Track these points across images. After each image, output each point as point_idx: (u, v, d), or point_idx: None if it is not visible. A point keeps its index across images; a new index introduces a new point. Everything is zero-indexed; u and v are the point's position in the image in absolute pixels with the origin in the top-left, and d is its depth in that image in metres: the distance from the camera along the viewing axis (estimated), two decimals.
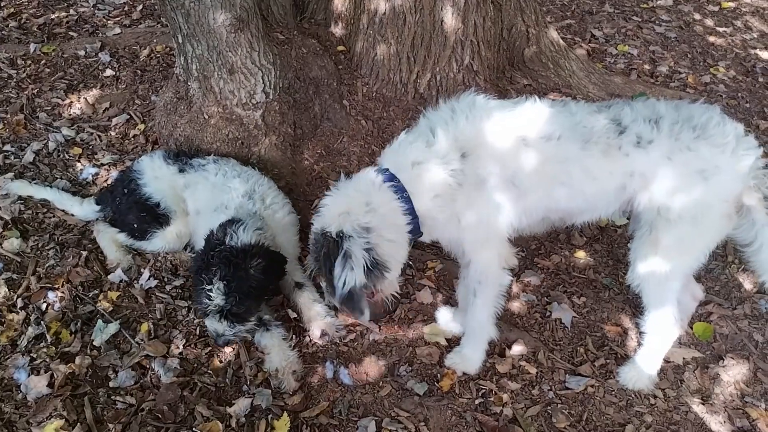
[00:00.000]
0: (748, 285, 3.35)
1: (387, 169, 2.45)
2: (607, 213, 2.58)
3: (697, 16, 6.25)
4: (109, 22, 5.35)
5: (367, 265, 2.33)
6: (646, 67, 5.37)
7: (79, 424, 2.54)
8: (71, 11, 5.48)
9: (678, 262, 2.47)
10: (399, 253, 2.48)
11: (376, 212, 2.38)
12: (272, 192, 3.20)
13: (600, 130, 2.34)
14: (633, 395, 2.82)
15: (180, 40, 3.45)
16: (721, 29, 6.05)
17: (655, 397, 2.82)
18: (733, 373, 2.96)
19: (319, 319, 3.00)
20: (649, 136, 2.31)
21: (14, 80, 4.50)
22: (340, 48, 4.17)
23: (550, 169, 2.41)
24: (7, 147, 3.95)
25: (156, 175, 3.16)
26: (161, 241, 3.26)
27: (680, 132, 2.29)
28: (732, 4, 6.55)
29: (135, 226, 3.24)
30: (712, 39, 5.88)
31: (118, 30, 5.13)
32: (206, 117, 3.58)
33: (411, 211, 2.43)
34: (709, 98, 4.90)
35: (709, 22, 6.17)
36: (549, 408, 2.76)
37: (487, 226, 2.51)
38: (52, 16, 5.34)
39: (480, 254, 2.59)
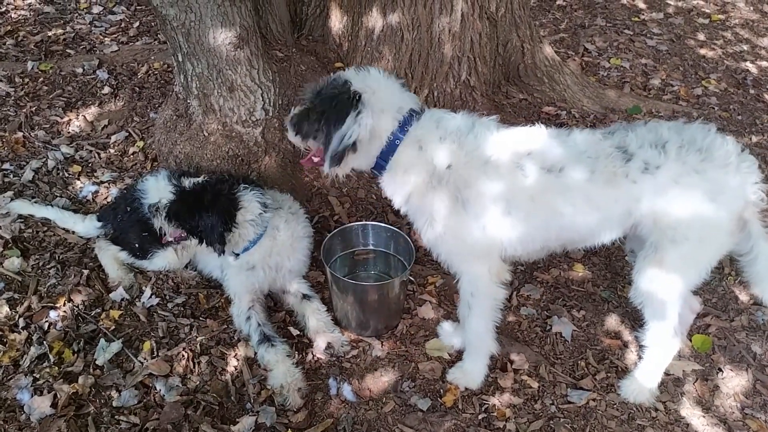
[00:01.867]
0: (744, 297, 3.39)
1: (412, 116, 2.51)
2: (611, 238, 2.60)
3: (688, 29, 6.34)
4: (106, 39, 5.38)
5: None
6: (639, 79, 5.43)
7: None
8: (68, 28, 5.51)
9: (681, 280, 2.50)
10: (359, 161, 2.56)
11: (377, 120, 2.44)
12: (289, 202, 3.27)
13: (605, 158, 2.36)
14: (634, 408, 2.84)
15: (180, 59, 3.47)
16: (711, 42, 6.14)
17: (656, 410, 2.85)
18: (733, 384, 2.99)
19: (326, 333, 3.03)
20: (657, 161, 2.33)
21: (12, 98, 4.52)
22: (338, 64, 4.22)
23: (549, 200, 2.43)
24: (6, 165, 3.96)
25: (160, 196, 3.17)
26: (162, 261, 3.26)
27: (687, 155, 2.32)
28: (722, 17, 6.65)
29: (136, 245, 3.24)
30: (703, 51, 5.96)
31: (115, 47, 5.17)
32: (206, 134, 3.60)
33: (384, 154, 2.51)
34: (701, 111, 4.96)
35: (700, 34, 6.27)
36: (552, 422, 2.78)
37: (466, 244, 2.55)
38: (49, 34, 5.37)
39: (466, 267, 2.63)
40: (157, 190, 3.17)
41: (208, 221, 2.85)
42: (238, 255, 3.01)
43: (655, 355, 2.79)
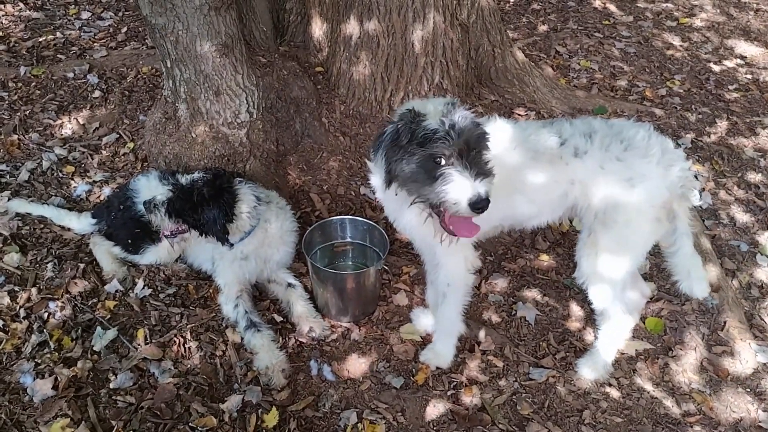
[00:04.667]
0: None
1: None
2: (553, 218, 2.87)
3: (655, 32, 6.62)
4: (95, 44, 5.56)
5: None
6: (607, 81, 5.70)
7: (83, 422, 2.74)
8: (58, 34, 5.68)
9: (617, 262, 2.73)
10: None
11: None
12: (277, 198, 3.51)
13: (545, 143, 2.63)
14: (590, 384, 3.11)
15: (168, 65, 3.69)
16: (678, 44, 6.42)
17: (609, 385, 3.11)
18: (682, 362, 3.26)
19: (309, 318, 3.27)
20: (584, 147, 2.60)
21: (6, 102, 4.70)
22: (319, 69, 4.44)
23: (509, 177, 2.66)
24: (2, 166, 4.15)
25: (152, 194, 3.37)
26: (153, 256, 3.47)
27: (610, 144, 2.58)
28: (689, 20, 6.93)
29: (129, 241, 3.45)
30: (669, 53, 6.24)
31: (104, 52, 5.35)
32: (194, 136, 3.82)
33: None
34: (664, 110, 5.24)
35: (667, 36, 6.54)
36: (514, 397, 3.04)
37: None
38: (40, 39, 5.54)
39: (449, 259, 2.84)
40: (149, 189, 3.38)
41: (210, 214, 3.06)
42: (233, 245, 3.22)
43: (609, 333, 3.03)
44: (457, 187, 2.26)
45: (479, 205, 2.26)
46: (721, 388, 3.16)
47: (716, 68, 6.04)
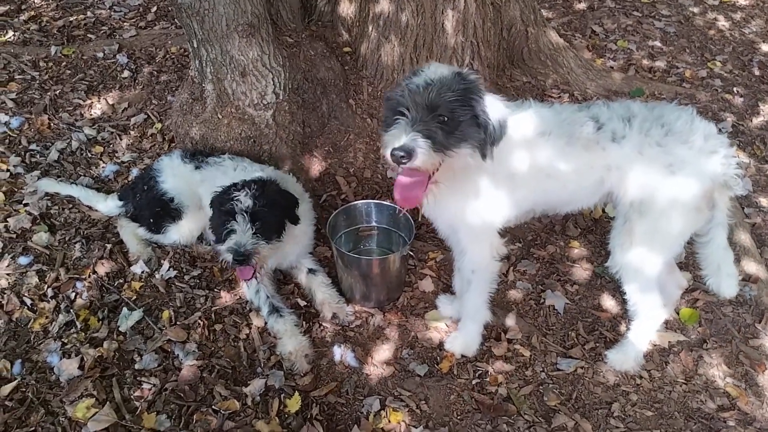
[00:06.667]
0: None
1: None
2: (588, 204, 2.77)
3: (697, 11, 6.37)
4: (125, 24, 5.56)
5: None
6: (645, 62, 5.51)
7: (108, 402, 2.77)
8: (89, 13, 5.69)
9: (652, 251, 2.62)
10: None
11: None
12: (293, 184, 3.43)
13: (581, 127, 2.52)
14: (620, 375, 3.02)
15: (195, 45, 3.65)
16: (720, 23, 6.17)
17: (640, 377, 3.02)
18: (716, 355, 3.15)
19: (332, 303, 3.23)
20: (622, 132, 2.48)
21: (37, 82, 4.73)
22: (347, 49, 4.36)
23: (541, 163, 2.58)
24: (33, 146, 4.18)
25: (174, 173, 3.35)
26: (175, 234, 3.45)
27: (650, 129, 2.46)
28: None
29: (151, 220, 3.45)
30: (711, 33, 6.01)
31: (134, 32, 5.35)
32: (220, 117, 3.79)
33: None
34: (704, 92, 5.05)
35: (709, 16, 6.29)
36: (541, 388, 2.97)
37: (485, 217, 2.68)
38: (71, 19, 5.56)
39: (474, 246, 2.77)
40: (172, 168, 3.29)
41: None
42: None
43: (642, 325, 2.94)
44: (392, 135, 2.23)
45: (394, 152, 2.18)
46: (757, 383, 3.04)
47: (760, 49, 5.80)
